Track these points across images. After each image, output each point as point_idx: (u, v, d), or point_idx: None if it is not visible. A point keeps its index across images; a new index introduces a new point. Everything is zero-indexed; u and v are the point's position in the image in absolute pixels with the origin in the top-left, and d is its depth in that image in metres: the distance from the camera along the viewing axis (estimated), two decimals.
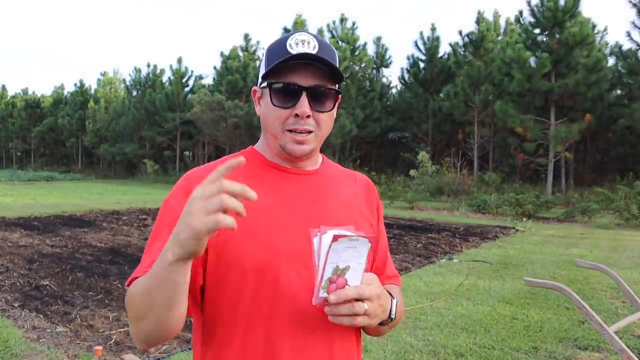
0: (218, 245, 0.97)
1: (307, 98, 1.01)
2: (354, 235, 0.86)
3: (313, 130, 1.03)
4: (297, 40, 1.02)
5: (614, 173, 21.21)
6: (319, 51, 1.02)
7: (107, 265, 6.88)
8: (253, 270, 0.97)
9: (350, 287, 0.89)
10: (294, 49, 1.00)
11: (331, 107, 1.05)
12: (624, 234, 11.76)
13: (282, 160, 1.08)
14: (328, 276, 0.87)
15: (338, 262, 0.86)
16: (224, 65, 31.30)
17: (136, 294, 0.89)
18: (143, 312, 0.88)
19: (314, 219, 1.03)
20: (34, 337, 4.07)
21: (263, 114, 1.07)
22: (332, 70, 1.02)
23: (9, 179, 32.44)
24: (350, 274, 0.88)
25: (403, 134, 28.41)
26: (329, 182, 1.12)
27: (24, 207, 14.45)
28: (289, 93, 1.01)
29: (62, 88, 47.61)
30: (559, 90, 19.52)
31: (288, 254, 0.99)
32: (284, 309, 0.97)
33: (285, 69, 1.01)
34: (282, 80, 1.01)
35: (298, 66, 1.01)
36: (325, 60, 1.00)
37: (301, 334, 0.98)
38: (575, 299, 2.94)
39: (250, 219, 0.95)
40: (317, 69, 1.01)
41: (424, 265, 7.39)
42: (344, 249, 0.85)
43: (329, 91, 1.04)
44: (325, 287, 0.87)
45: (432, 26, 27.15)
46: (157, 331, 0.90)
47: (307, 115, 1.01)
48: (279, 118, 1.03)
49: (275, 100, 1.02)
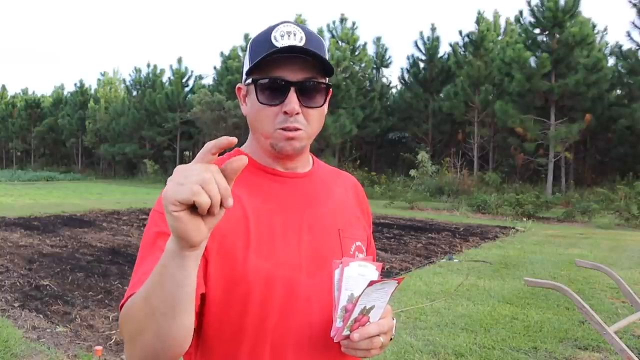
0: (219, 256, 0.91)
1: (296, 93, 0.94)
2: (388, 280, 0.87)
3: (302, 128, 0.96)
4: (283, 32, 0.94)
5: (614, 173, 21.20)
6: (306, 43, 0.94)
7: (107, 265, 6.88)
8: (257, 283, 0.92)
9: (372, 325, 0.89)
10: (279, 42, 0.93)
11: (322, 102, 0.98)
12: (624, 234, 11.76)
13: (273, 161, 1.02)
14: (355, 316, 0.87)
15: (366, 303, 0.87)
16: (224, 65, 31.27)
17: (133, 306, 0.78)
18: (142, 324, 0.75)
19: (311, 224, 1.00)
20: (34, 337, 4.06)
21: (250, 113, 1.00)
22: (321, 62, 0.95)
23: (9, 179, 32.45)
24: (374, 311, 0.90)
25: (403, 134, 28.41)
26: (322, 185, 1.08)
27: (24, 207, 14.45)
28: (276, 89, 0.94)
29: (62, 88, 47.58)
30: (559, 90, 19.53)
31: (291, 264, 0.96)
32: (289, 321, 0.94)
33: (270, 64, 0.94)
34: (267, 76, 0.94)
35: (284, 60, 0.94)
36: (313, 53, 0.93)
37: (307, 346, 0.96)
38: (576, 299, 2.94)
39: (249, 230, 0.94)
40: (305, 61, 0.94)
41: (424, 265, 7.39)
42: (374, 290, 0.86)
43: (319, 85, 0.97)
44: (350, 326, 0.88)
45: (432, 26, 27.20)
46: (159, 349, 0.76)
47: (296, 112, 0.94)
48: (268, 117, 0.96)
49: (262, 98, 0.95)
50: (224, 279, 0.92)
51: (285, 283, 0.94)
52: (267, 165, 1.03)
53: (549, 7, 19.81)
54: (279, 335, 0.94)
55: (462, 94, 23.47)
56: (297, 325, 0.95)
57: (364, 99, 26.87)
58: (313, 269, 0.97)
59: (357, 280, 0.90)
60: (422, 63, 27.55)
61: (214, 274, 0.92)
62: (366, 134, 27.59)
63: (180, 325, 0.74)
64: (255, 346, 0.93)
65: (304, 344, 0.95)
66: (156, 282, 0.72)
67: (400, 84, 29.76)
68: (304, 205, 1.02)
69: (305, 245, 0.98)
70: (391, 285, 0.88)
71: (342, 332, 0.89)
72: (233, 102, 26.71)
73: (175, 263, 0.70)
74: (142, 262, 0.88)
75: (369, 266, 0.93)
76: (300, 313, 0.95)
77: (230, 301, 0.92)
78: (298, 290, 0.95)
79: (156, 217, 0.92)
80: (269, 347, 0.94)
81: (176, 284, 0.71)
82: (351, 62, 25.73)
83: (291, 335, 0.94)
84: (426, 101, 26.93)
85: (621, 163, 22.25)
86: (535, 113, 20.30)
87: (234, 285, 0.92)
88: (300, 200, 1.02)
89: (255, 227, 0.95)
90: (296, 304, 0.95)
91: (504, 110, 20.25)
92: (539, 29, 20.65)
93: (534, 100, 20.36)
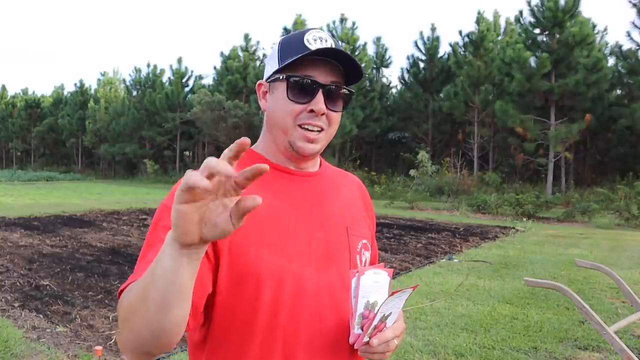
0: (231, 251, 0.93)
1: (324, 95, 0.99)
2: (406, 289, 0.93)
3: (324, 128, 1.02)
4: (315, 37, 1.00)
5: (614, 173, 21.20)
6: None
7: (107, 265, 6.88)
8: (269, 278, 0.94)
9: (389, 330, 0.95)
10: (312, 45, 0.99)
11: (342, 107, 1.04)
12: (624, 234, 11.76)
13: (285, 160, 1.05)
14: (375, 324, 0.93)
15: (385, 311, 0.92)
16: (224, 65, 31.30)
17: (130, 292, 0.79)
18: (135, 311, 0.76)
19: (321, 222, 1.03)
20: (34, 337, 4.06)
21: (271, 108, 1.04)
22: (353, 69, 1.01)
23: (9, 179, 32.44)
24: (391, 317, 0.95)
25: (403, 134, 28.40)
26: (331, 184, 1.12)
27: (24, 207, 14.45)
28: (306, 88, 0.99)
29: (62, 88, 47.61)
30: (559, 90, 19.53)
31: (302, 259, 0.98)
32: (299, 315, 0.96)
33: (303, 64, 0.99)
34: (300, 74, 0.99)
35: (317, 62, 0.99)
36: (349, 56, 0.99)
37: (318, 340, 0.98)
38: (576, 299, 2.94)
39: (262, 225, 0.96)
40: (335, 67, 1.00)
41: (424, 265, 7.39)
42: (393, 299, 0.92)
43: (345, 91, 1.03)
44: (370, 333, 0.94)
45: (432, 26, 27.18)
46: (148, 338, 0.77)
47: (322, 112, 0.99)
48: (292, 112, 1.00)
49: (292, 94, 0.99)
50: (236, 274, 0.94)
51: (295, 278, 0.96)
52: (280, 163, 1.06)
53: (549, 7, 19.81)
54: (290, 330, 0.96)
55: (462, 94, 23.47)
56: (307, 319, 0.97)
57: (364, 99, 26.87)
58: (323, 265, 1.00)
59: (372, 287, 0.95)
60: (422, 63, 27.55)
61: (226, 268, 0.93)
62: (366, 134, 27.58)
63: (171, 319, 0.75)
64: (267, 340, 0.95)
65: (315, 339, 0.97)
66: (151, 274, 0.73)
67: (400, 84, 29.79)
68: (314, 203, 1.05)
69: (315, 241, 1.01)
70: (407, 292, 0.94)
71: (362, 338, 0.94)
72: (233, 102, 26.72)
73: (167, 259, 0.70)
74: (148, 250, 0.89)
75: (381, 273, 0.98)
76: (310, 307, 0.97)
77: (242, 295, 0.94)
78: (308, 285, 0.97)
79: (165, 210, 0.93)
80: (280, 342, 0.96)
81: (167, 280, 0.71)
82: None
83: (302, 330, 0.96)
84: (426, 101, 26.93)
85: (621, 163, 22.24)
86: (535, 113, 20.30)
87: (246, 280, 0.94)
88: (311, 198, 1.06)
89: (268, 223, 0.97)
90: (306, 298, 0.97)
91: (504, 110, 20.25)
92: (539, 29, 20.66)
93: (534, 100, 20.36)
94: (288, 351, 0.95)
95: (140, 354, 0.81)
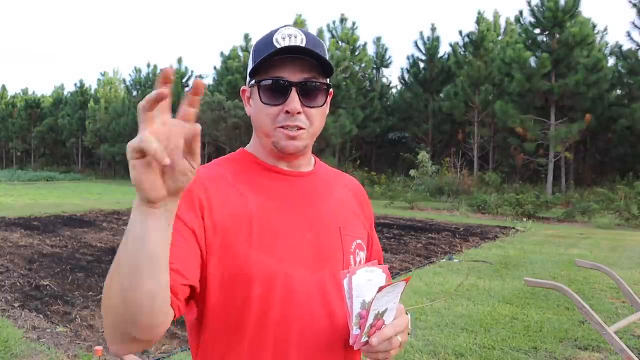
0: (221, 250, 0.93)
1: (297, 93, 0.97)
2: (396, 283, 0.90)
3: (304, 127, 0.99)
4: (284, 35, 0.98)
5: (614, 173, 21.20)
6: (306, 44, 0.98)
7: (107, 265, 6.88)
8: (259, 278, 0.94)
9: (388, 327, 0.92)
10: (280, 44, 0.97)
11: (322, 101, 1.01)
12: (624, 234, 11.76)
13: (276, 160, 1.05)
14: (370, 322, 0.90)
15: (379, 308, 0.90)
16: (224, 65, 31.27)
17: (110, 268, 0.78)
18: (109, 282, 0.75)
19: (313, 222, 1.02)
20: (34, 337, 4.07)
21: (253, 113, 1.03)
22: (322, 62, 0.98)
23: (9, 179, 32.43)
24: (387, 314, 0.92)
25: (403, 134, 28.40)
26: (324, 184, 1.11)
27: (24, 207, 14.45)
28: (278, 89, 0.97)
29: (62, 88, 47.56)
30: (559, 90, 19.53)
31: (293, 260, 0.97)
32: (291, 315, 0.96)
33: (272, 65, 0.97)
34: (270, 77, 0.98)
35: (286, 61, 0.97)
36: (314, 52, 0.96)
37: (311, 340, 0.97)
38: (576, 299, 2.94)
39: (252, 225, 0.96)
40: (306, 62, 0.98)
41: (424, 265, 7.39)
42: (385, 294, 0.89)
43: (320, 85, 1.00)
44: (367, 332, 0.91)
45: (432, 26, 27.19)
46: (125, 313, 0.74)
47: (297, 111, 0.97)
48: (269, 115, 0.99)
49: (265, 98, 0.98)
50: (225, 273, 0.94)
51: (286, 278, 0.96)
52: (272, 164, 1.05)
53: (549, 7, 19.80)
54: (281, 330, 0.96)
55: (462, 94, 23.46)
56: (298, 319, 0.96)
57: (364, 99, 26.87)
58: (314, 265, 1.00)
59: (366, 286, 0.92)
60: (422, 63, 27.55)
61: (215, 267, 0.94)
62: (366, 134, 27.59)
63: (142, 288, 0.73)
64: (257, 339, 0.95)
65: (306, 339, 0.97)
66: (124, 245, 0.73)
67: (400, 84, 29.79)
68: (306, 203, 1.04)
69: (307, 241, 1.00)
70: (400, 286, 0.91)
71: (360, 338, 0.91)
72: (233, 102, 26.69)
73: (136, 220, 0.71)
74: None
75: (375, 270, 0.95)
76: (301, 308, 0.96)
77: (232, 294, 0.95)
78: (298, 286, 0.97)
79: None
80: (271, 341, 0.95)
81: (137, 246, 0.71)
82: (351, 62, 25.73)
83: (293, 330, 0.96)
84: (426, 101, 26.93)
85: (621, 163, 22.24)
86: (535, 113, 20.30)
87: (235, 279, 0.94)
88: (303, 198, 1.05)
89: (258, 223, 0.97)
90: (297, 299, 0.96)
91: (504, 110, 20.25)
92: (539, 29, 20.65)
93: (534, 100, 20.35)
94: (279, 351, 0.95)
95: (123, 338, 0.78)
